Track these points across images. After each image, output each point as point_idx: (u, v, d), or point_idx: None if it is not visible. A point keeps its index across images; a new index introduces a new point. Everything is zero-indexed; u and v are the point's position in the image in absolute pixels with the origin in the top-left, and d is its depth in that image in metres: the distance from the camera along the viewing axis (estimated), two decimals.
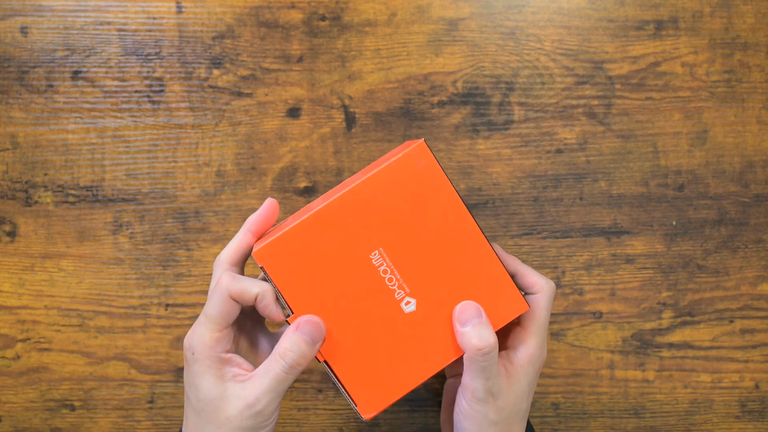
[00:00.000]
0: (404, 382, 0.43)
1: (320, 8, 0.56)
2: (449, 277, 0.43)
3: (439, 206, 0.42)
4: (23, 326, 0.57)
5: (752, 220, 0.57)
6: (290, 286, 0.42)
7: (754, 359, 0.57)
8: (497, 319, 0.43)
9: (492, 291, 0.43)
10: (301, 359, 0.41)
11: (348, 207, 0.42)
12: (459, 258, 0.43)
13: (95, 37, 0.57)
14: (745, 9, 0.57)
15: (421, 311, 0.43)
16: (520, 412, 0.44)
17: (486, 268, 0.43)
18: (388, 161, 0.42)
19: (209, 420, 0.42)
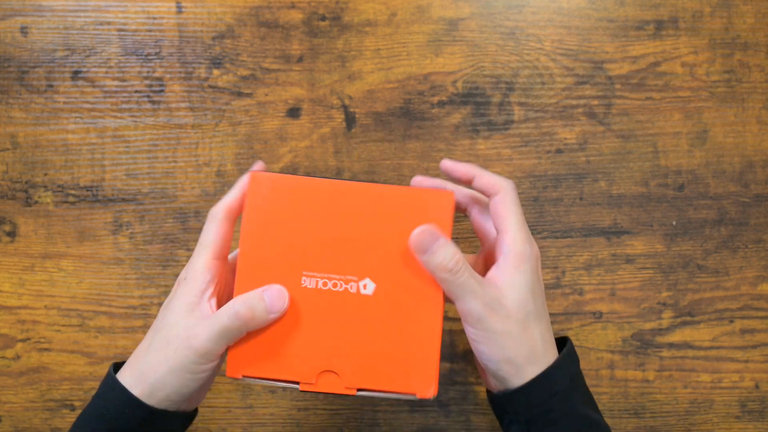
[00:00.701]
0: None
1: (320, 8, 0.56)
2: (388, 318, 0.43)
3: (322, 199, 0.42)
4: (23, 326, 0.57)
5: (752, 220, 0.57)
6: (254, 224, 0.43)
7: (754, 359, 0.57)
8: (400, 383, 0.42)
9: (415, 355, 0.42)
10: (250, 317, 0.41)
11: (351, 193, 0.43)
12: (408, 304, 0.43)
13: (95, 37, 0.57)
14: (745, 9, 0.57)
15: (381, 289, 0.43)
16: (530, 314, 0.42)
17: (423, 333, 0.43)
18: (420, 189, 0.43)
19: (157, 340, 0.42)
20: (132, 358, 0.44)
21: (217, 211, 0.44)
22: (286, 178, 0.43)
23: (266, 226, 0.43)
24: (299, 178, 0.43)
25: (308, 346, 0.43)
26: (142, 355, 0.43)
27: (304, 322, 0.43)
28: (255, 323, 0.42)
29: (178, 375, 0.41)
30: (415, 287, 0.42)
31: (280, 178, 0.43)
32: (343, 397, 0.44)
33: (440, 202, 0.42)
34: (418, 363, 0.42)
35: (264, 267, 0.43)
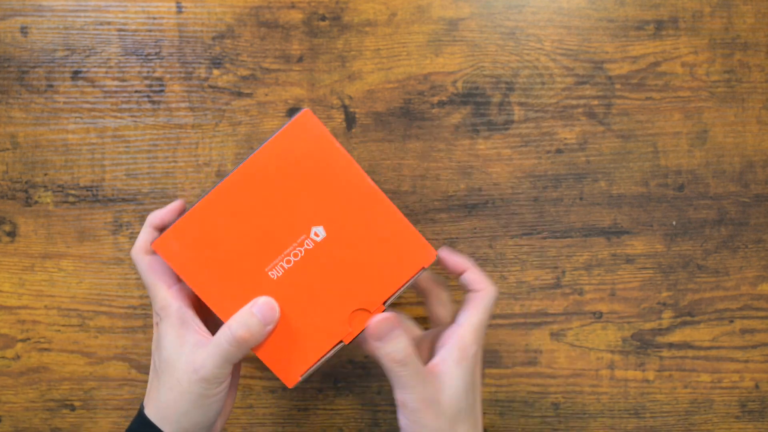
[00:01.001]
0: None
1: (320, 8, 0.56)
2: (355, 237, 0.43)
3: (334, 171, 0.43)
4: (23, 326, 0.57)
5: (752, 220, 0.57)
6: (194, 275, 0.43)
7: (754, 359, 0.57)
8: (408, 269, 0.44)
9: (399, 243, 0.44)
10: (249, 336, 0.42)
11: (241, 185, 0.43)
12: (362, 217, 0.43)
13: (95, 37, 0.57)
14: (745, 9, 0.57)
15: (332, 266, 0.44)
16: (461, 412, 0.44)
17: (390, 223, 0.44)
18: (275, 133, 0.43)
19: (165, 381, 0.43)
20: (148, 401, 0.45)
21: (136, 253, 0.46)
22: (181, 223, 0.43)
23: (203, 263, 0.44)
24: (189, 212, 0.43)
25: (319, 310, 0.44)
26: (158, 397, 0.44)
27: (299, 300, 0.44)
28: (256, 340, 0.43)
29: (198, 404, 0.43)
30: (356, 202, 0.43)
31: (176, 229, 0.43)
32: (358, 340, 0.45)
33: (416, 255, 0.44)
34: (405, 245, 0.44)
35: (231, 290, 0.44)
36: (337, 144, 0.43)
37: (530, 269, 0.57)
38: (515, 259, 0.57)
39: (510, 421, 0.58)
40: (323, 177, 0.43)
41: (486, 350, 0.57)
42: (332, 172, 0.43)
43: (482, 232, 0.57)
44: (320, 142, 0.43)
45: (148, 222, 0.46)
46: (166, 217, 0.46)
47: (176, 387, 0.43)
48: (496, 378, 0.57)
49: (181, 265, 0.44)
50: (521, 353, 0.57)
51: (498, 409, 0.58)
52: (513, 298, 0.57)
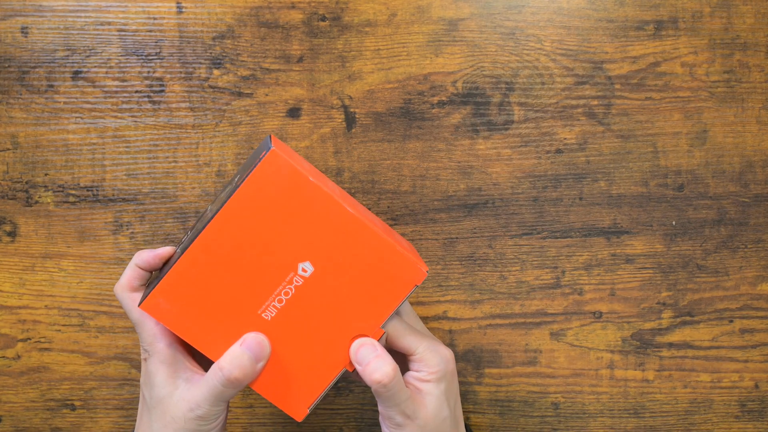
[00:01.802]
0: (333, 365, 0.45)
1: (320, 8, 0.56)
2: (343, 267, 0.43)
3: (311, 205, 0.43)
4: (24, 326, 0.57)
5: (752, 220, 0.57)
6: (188, 328, 0.43)
7: (754, 359, 0.57)
8: (400, 290, 0.44)
9: (387, 266, 0.44)
10: (241, 375, 0.42)
11: (220, 233, 0.43)
12: (347, 246, 0.43)
13: (95, 37, 0.57)
14: (745, 9, 0.57)
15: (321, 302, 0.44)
16: (444, 424, 0.45)
17: (375, 248, 0.43)
18: (244, 178, 0.42)
19: (157, 418, 0.43)
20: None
21: (121, 290, 0.46)
22: (166, 282, 0.43)
23: (195, 315, 0.44)
24: (173, 270, 0.43)
25: (318, 342, 0.44)
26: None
27: (297, 336, 0.44)
28: (248, 378, 0.43)
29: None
30: (338, 232, 0.43)
31: (162, 288, 0.43)
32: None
33: (406, 275, 0.44)
34: (394, 267, 0.44)
35: (225, 337, 0.44)
36: (310, 178, 0.42)
37: (530, 269, 0.57)
38: (515, 259, 0.57)
39: (510, 421, 0.58)
40: (301, 213, 0.43)
41: (486, 350, 0.57)
42: (309, 206, 0.43)
43: (482, 232, 0.57)
44: (292, 179, 0.42)
45: (135, 260, 0.46)
46: (152, 261, 0.46)
47: (171, 424, 0.43)
48: (496, 378, 0.58)
49: (173, 321, 0.43)
50: (521, 353, 0.57)
51: (498, 409, 0.58)
52: (513, 298, 0.57)
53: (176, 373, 0.44)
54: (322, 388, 0.45)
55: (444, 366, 0.46)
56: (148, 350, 0.45)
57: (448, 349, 0.47)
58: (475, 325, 0.57)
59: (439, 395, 0.45)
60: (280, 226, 0.43)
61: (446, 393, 0.46)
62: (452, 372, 0.47)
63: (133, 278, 0.46)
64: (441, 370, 0.46)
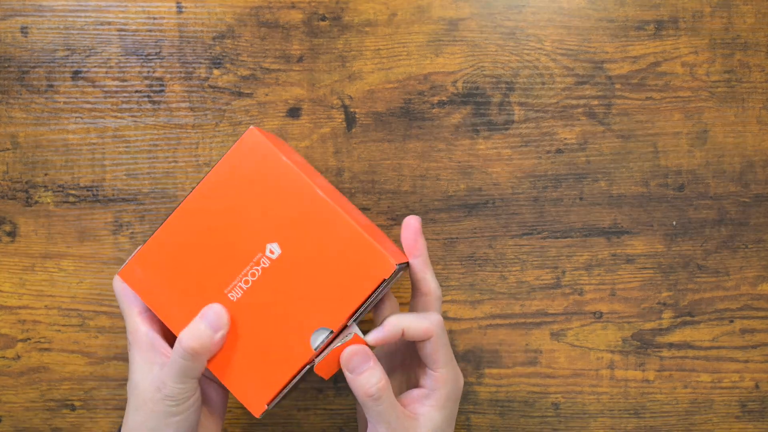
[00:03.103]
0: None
1: (320, 8, 0.56)
2: (312, 252, 0.42)
3: (284, 186, 0.42)
4: (23, 326, 0.57)
5: (752, 220, 0.57)
6: (159, 301, 0.43)
7: (754, 359, 0.57)
8: (369, 283, 0.42)
9: (356, 256, 0.42)
10: (198, 345, 0.42)
11: (196, 208, 0.43)
12: (317, 232, 0.42)
13: (95, 37, 0.57)
14: (746, 9, 0.57)
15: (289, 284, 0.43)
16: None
17: (345, 236, 0.42)
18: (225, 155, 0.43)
19: (133, 402, 0.44)
20: (124, 425, 0.45)
21: (115, 278, 0.46)
22: (142, 252, 0.44)
23: (166, 288, 0.44)
24: (149, 242, 0.44)
25: (281, 332, 0.43)
26: (128, 420, 0.45)
27: (261, 322, 0.43)
28: (207, 349, 0.42)
29: (166, 423, 0.43)
30: (309, 216, 0.42)
31: (138, 258, 0.44)
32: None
33: (374, 267, 0.42)
34: (363, 257, 0.42)
35: (192, 312, 0.43)
36: (284, 159, 0.42)
37: (530, 269, 0.57)
38: (515, 259, 0.57)
39: (510, 421, 0.58)
40: (274, 193, 0.42)
41: (486, 350, 0.57)
42: (282, 187, 0.42)
43: (482, 232, 0.57)
44: (267, 158, 0.42)
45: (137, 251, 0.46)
46: None
47: (142, 407, 0.43)
48: (496, 378, 0.58)
49: (146, 292, 0.44)
50: (521, 353, 0.57)
51: (498, 409, 0.58)
52: (513, 298, 0.57)
53: (153, 359, 0.44)
54: (282, 382, 0.43)
55: (455, 394, 0.45)
56: (129, 339, 0.45)
57: (461, 376, 0.46)
58: (476, 325, 0.57)
59: (440, 423, 0.44)
60: (253, 205, 0.42)
61: (447, 419, 0.44)
62: (458, 399, 0.46)
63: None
64: (451, 398, 0.44)
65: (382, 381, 0.42)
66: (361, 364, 0.42)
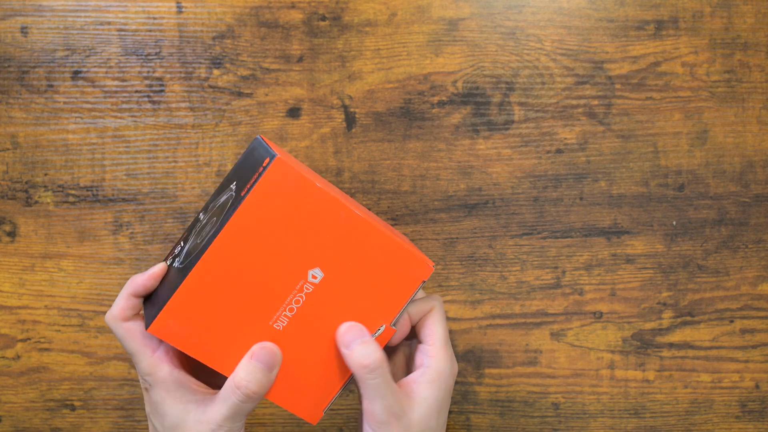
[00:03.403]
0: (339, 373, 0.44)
1: (320, 8, 0.56)
2: (353, 269, 0.43)
3: (316, 210, 0.42)
4: (23, 326, 0.57)
5: (752, 220, 0.57)
6: (199, 347, 0.42)
7: (754, 359, 0.57)
8: (409, 287, 0.44)
9: (395, 265, 0.43)
10: (257, 388, 0.41)
11: (228, 247, 0.41)
12: (355, 249, 0.43)
13: (95, 37, 0.57)
14: (745, 9, 0.57)
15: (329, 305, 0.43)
16: (431, 430, 0.44)
17: (382, 248, 0.43)
18: (249, 188, 0.41)
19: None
20: None
21: (113, 321, 0.44)
22: (173, 302, 0.42)
23: (206, 333, 0.42)
24: (180, 289, 0.41)
25: (331, 346, 0.44)
26: None
27: (309, 342, 0.44)
28: (264, 388, 0.42)
29: None
30: (345, 235, 0.43)
31: (170, 308, 0.42)
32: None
33: (413, 272, 0.44)
34: (401, 265, 0.44)
35: (238, 351, 0.43)
36: (317, 184, 0.42)
37: (530, 269, 0.57)
38: (515, 259, 0.57)
39: (510, 421, 0.58)
40: (308, 219, 0.42)
41: (486, 350, 0.57)
42: (316, 212, 0.42)
43: (482, 232, 0.57)
44: (298, 186, 0.41)
45: (127, 289, 0.44)
46: (148, 284, 0.44)
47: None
48: (496, 378, 0.57)
49: (183, 341, 0.42)
50: (521, 353, 0.57)
51: (498, 409, 0.58)
52: (513, 298, 0.57)
53: (185, 397, 0.43)
54: (335, 391, 0.45)
55: (450, 379, 0.45)
56: (149, 380, 0.43)
57: (457, 365, 0.46)
58: (476, 325, 0.57)
59: (433, 402, 0.44)
60: (288, 234, 0.42)
61: (440, 403, 0.44)
62: (451, 387, 0.46)
63: (126, 308, 0.44)
64: (444, 379, 0.45)
65: (378, 353, 0.42)
66: (355, 338, 0.43)
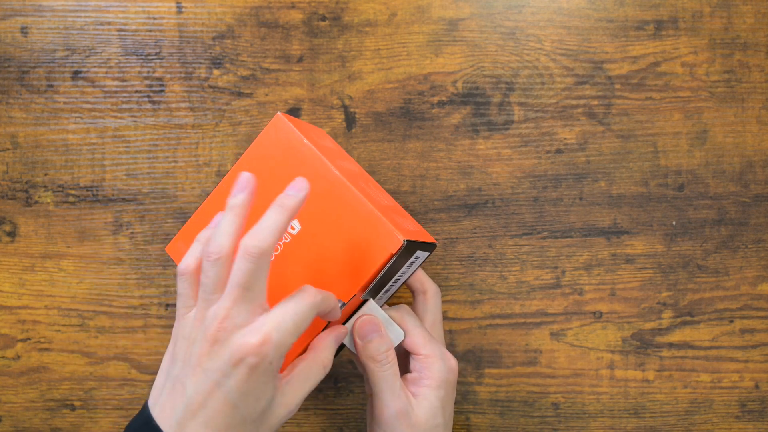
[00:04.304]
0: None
1: (320, 8, 0.56)
2: (328, 229, 0.44)
3: (305, 166, 0.45)
4: (23, 326, 0.57)
5: (752, 220, 0.57)
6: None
7: (754, 359, 0.57)
8: (378, 257, 0.44)
9: (368, 232, 0.44)
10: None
11: (228, 186, 0.47)
12: (334, 209, 0.44)
13: (95, 37, 0.57)
14: (745, 9, 0.57)
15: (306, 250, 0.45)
16: (437, 428, 0.45)
17: (359, 212, 0.44)
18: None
19: (247, 419, 0.38)
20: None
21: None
22: (187, 227, 0.48)
23: None
24: (193, 217, 0.48)
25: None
26: None
27: (282, 292, 0.44)
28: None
29: None
30: (327, 194, 0.45)
31: (185, 232, 0.48)
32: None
33: (384, 243, 0.44)
34: (374, 233, 0.44)
35: None
36: (305, 141, 0.45)
37: (530, 269, 0.57)
38: (515, 259, 0.57)
39: (510, 421, 0.58)
40: (297, 172, 0.45)
41: (486, 350, 0.57)
42: (304, 167, 0.45)
43: (482, 232, 0.57)
44: (290, 140, 0.45)
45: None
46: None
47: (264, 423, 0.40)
48: (496, 378, 0.58)
49: None
50: (521, 353, 0.57)
51: (498, 409, 0.58)
52: (513, 298, 0.57)
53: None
54: (301, 347, 0.45)
55: (445, 375, 0.46)
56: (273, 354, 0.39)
57: (454, 360, 0.47)
58: (475, 325, 0.57)
59: (435, 402, 0.45)
60: (279, 183, 0.45)
61: (443, 401, 0.45)
62: (453, 382, 0.47)
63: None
64: (441, 378, 0.45)
65: (391, 348, 0.45)
66: (372, 332, 0.44)
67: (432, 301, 0.50)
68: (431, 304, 0.50)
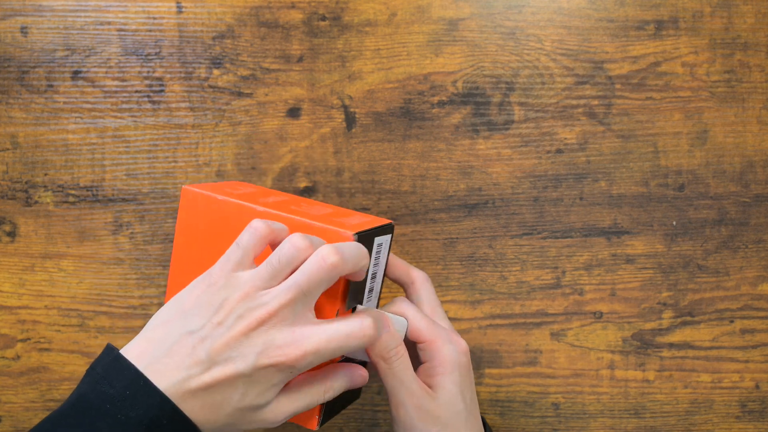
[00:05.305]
0: None
1: (320, 8, 0.56)
2: None
3: (231, 217, 0.46)
4: (23, 326, 0.57)
5: (752, 220, 0.57)
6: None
7: (754, 359, 0.57)
8: None
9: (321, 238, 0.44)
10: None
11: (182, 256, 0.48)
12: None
13: (95, 37, 0.57)
14: (746, 9, 0.57)
15: None
16: (460, 414, 0.44)
17: (299, 231, 0.44)
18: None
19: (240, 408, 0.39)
20: None
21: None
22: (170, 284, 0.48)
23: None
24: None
25: None
26: None
27: None
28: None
29: None
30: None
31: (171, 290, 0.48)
32: None
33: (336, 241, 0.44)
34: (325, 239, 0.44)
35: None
36: (218, 197, 0.46)
37: (530, 269, 0.57)
38: (515, 259, 0.57)
39: (510, 421, 0.58)
40: (228, 228, 0.46)
41: (486, 350, 0.57)
42: (231, 219, 0.46)
43: (482, 232, 0.57)
44: (207, 204, 0.46)
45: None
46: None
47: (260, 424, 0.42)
48: (496, 378, 0.57)
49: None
50: (521, 353, 0.57)
51: (498, 409, 0.58)
52: (513, 298, 0.57)
53: None
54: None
55: (456, 357, 0.44)
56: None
57: (463, 341, 0.46)
58: (476, 326, 0.57)
59: (452, 388, 0.44)
60: (218, 247, 0.45)
61: (460, 385, 0.44)
62: (466, 364, 0.45)
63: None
64: (453, 362, 0.44)
65: (399, 342, 0.43)
66: (383, 328, 0.43)
67: (423, 288, 0.48)
68: (423, 291, 0.48)
